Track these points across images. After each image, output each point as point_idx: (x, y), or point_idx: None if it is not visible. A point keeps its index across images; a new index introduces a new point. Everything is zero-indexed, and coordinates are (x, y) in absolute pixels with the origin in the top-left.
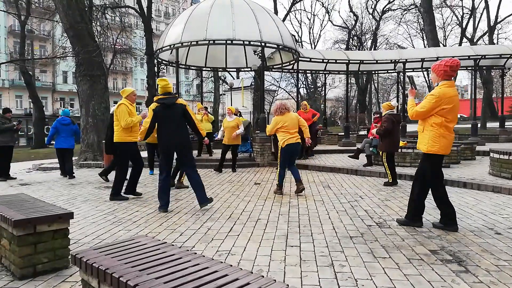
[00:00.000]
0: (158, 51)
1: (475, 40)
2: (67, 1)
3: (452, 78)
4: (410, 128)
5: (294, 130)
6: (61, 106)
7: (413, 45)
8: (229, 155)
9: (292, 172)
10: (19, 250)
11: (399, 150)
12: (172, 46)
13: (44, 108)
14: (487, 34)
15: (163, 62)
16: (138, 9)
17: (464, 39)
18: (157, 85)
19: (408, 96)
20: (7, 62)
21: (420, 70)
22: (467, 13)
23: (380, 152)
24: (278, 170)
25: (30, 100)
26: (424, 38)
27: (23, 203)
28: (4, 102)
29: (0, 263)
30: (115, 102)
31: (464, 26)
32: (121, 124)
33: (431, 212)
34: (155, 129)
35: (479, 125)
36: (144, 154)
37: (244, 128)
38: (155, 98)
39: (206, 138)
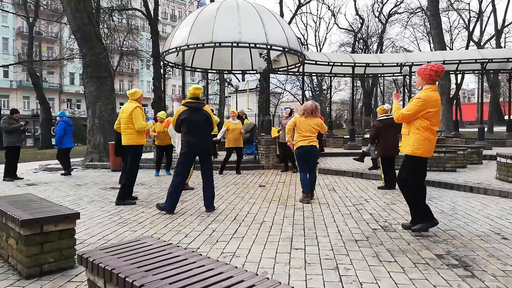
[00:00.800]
0: (164, 53)
1: (482, 44)
2: (75, 3)
3: (436, 82)
4: None
5: (309, 134)
6: (67, 107)
7: (419, 48)
8: (233, 157)
9: (309, 178)
10: (26, 250)
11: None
12: (178, 49)
13: (51, 109)
14: (494, 37)
15: (169, 64)
16: (144, 12)
17: (471, 43)
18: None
19: (393, 99)
20: (16, 63)
21: None
22: (474, 17)
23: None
24: (299, 175)
25: (38, 101)
26: (431, 41)
27: (30, 203)
28: (11, 103)
29: (7, 262)
30: (121, 104)
31: (471, 30)
32: (135, 127)
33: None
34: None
35: (486, 129)
36: (146, 155)
37: (249, 131)
38: (183, 101)
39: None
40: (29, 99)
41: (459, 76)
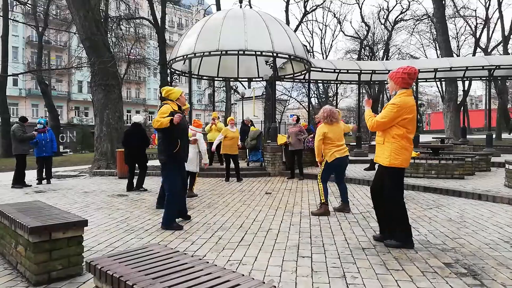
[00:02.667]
0: (171, 61)
1: (489, 50)
2: (84, 13)
3: (410, 87)
4: (422, 138)
5: (342, 142)
6: (75, 115)
7: (426, 55)
8: (232, 165)
9: (340, 189)
10: (35, 257)
11: (413, 161)
12: (185, 57)
13: (59, 117)
14: (502, 44)
15: (176, 72)
16: (152, 20)
17: (478, 49)
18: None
19: (364, 107)
20: (26, 72)
21: (433, 80)
22: (480, 23)
23: None
24: (321, 185)
25: (46, 109)
26: (437, 48)
27: (39, 210)
28: (20, 111)
29: (16, 269)
30: (129, 111)
31: (478, 36)
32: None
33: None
34: None
35: (494, 136)
36: (153, 162)
37: (255, 138)
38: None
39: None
40: (37, 107)
41: (466, 82)
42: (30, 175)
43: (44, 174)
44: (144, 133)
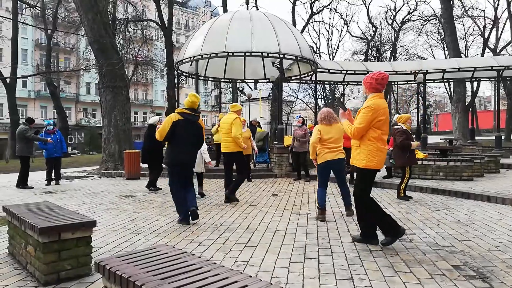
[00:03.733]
0: (178, 63)
1: (498, 51)
2: (92, 15)
3: (380, 91)
4: (430, 139)
5: (338, 144)
6: (84, 116)
7: (433, 55)
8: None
9: (342, 192)
10: (44, 257)
11: (420, 162)
12: (192, 58)
13: (67, 118)
14: (511, 44)
15: (183, 73)
16: (159, 22)
17: (487, 50)
18: (185, 97)
19: (341, 119)
20: (35, 74)
21: (441, 81)
22: (489, 23)
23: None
24: (317, 190)
25: (55, 110)
26: (445, 48)
27: (48, 211)
28: (29, 112)
29: (25, 269)
30: (136, 113)
31: (486, 37)
32: (233, 134)
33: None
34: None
35: (503, 137)
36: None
37: (262, 139)
38: (178, 110)
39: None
40: (46, 108)
41: (475, 83)
42: (39, 176)
43: (53, 174)
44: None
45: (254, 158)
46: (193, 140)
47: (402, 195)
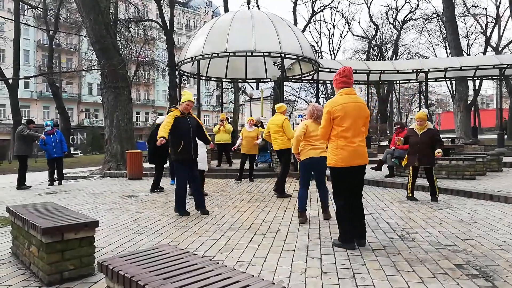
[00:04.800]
0: (180, 63)
1: (500, 49)
2: (94, 16)
3: (348, 85)
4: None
5: (321, 142)
6: (86, 116)
7: (435, 54)
8: (246, 165)
9: (319, 194)
10: (47, 257)
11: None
12: (193, 58)
13: (70, 119)
14: None
15: (185, 73)
16: (160, 23)
17: (489, 48)
18: (181, 95)
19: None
20: (37, 75)
21: (443, 79)
22: (491, 22)
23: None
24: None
25: (57, 111)
26: (447, 47)
27: (51, 211)
28: (32, 113)
29: (29, 269)
30: (138, 113)
31: (488, 35)
32: (288, 136)
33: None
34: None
35: (505, 136)
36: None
37: (263, 139)
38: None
39: (211, 143)
40: (49, 109)
41: (477, 82)
42: (42, 177)
43: (56, 175)
44: None
45: (256, 158)
46: (192, 134)
47: (410, 195)
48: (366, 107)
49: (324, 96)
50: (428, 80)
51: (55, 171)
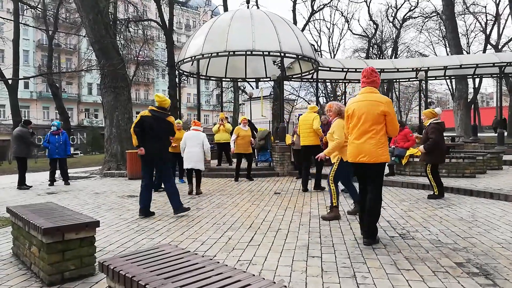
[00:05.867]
0: (179, 63)
1: (500, 47)
2: (93, 16)
3: (368, 84)
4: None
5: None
6: (85, 116)
7: (435, 52)
8: (244, 165)
9: (350, 191)
10: (48, 257)
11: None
12: (193, 58)
13: (70, 119)
14: None
15: (184, 73)
16: (160, 22)
17: (489, 46)
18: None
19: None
20: (36, 75)
21: (443, 78)
22: (491, 20)
23: (426, 164)
24: (333, 186)
25: (57, 111)
26: (447, 45)
27: (52, 211)
28: (32, 113)
29: (29, 269)
30: (137, 113)
31: (488, 33)
32: (314, 127)
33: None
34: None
35: (505, 134)
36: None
37: (264, 137)
38: (149, 108)
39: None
40: (48, 109)
41: (477, 80)
42: (42, 177)
43: (61, 176)
44: None
45: (256, 157)
46: (162, 135)
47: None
48: (379, 104)
49: (324, 95)
50: (428, 78)
51: (56, 171)
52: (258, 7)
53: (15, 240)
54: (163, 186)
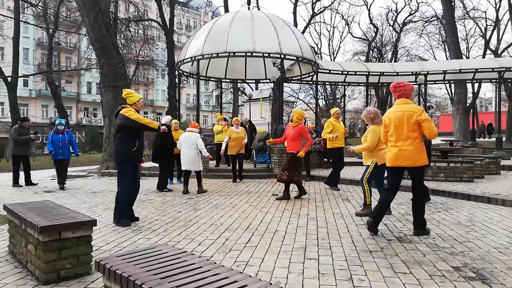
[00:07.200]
0: (179, 63)
1: (499, 52)
2: (94, 15)
3: (399, 97)
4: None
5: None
6: (85, 115)
7: (434, 57)
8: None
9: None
10: (44, 256)
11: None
12: (193, 58)
13: (68, 118)
14: None
15: (184, 73)
16: (160, 22)
17: (488, 51)
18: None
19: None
20: (36, 73)
21: (442, 82)
22: (490, 25)
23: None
24: (367, 186)
25: (56, 109)
26: (446, 50)
27: (49, 210)
28: (30, 111)
29: (25, 267)
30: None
31: (487, 38)
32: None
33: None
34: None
35: (504, 139)
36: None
37: (262, 139)
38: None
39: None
40: (47, 107)
41: (476, 85)
42: (40, 175)
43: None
44: (168, 132)
45: (255, 159)
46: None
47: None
48: (413, 114)
49: (323, 98)
50: (427, 82)
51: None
52: (258, 9)
53: (12, 238)
54: (168, 186)
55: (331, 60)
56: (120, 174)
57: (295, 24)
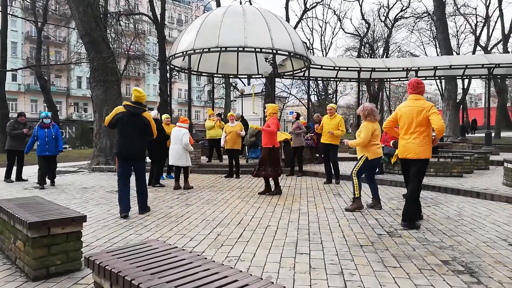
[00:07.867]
0: (170, 58)
1: (489, 49)
2: (83, 8)
3: (411, 93)
4: None
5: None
6: (75, 110)
7: (425, 53)
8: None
9: (372, 188)
10: (33, 252)
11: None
12: (184, 53)
13: (58, 113)
14: (502, 42)
15: (176, 68)
16: (151, 16)
17: (478, 48)
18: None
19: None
20: (25, 67)
21: (433, 78)
22: (481, 22)
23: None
24: (356, 180)
25: (45, 104)
26: (437, 46)
27: (38, 205)
28: (19, 106)
29: (14, 264)
30: None
31: (478, 35)
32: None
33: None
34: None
35: (493, 134)
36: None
37: (254, 134)
38: (124, 103)
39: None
40: (36, 102)
41: (466, 81)
42: (31, 171)
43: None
44: (159, 127)
45: (247, 154)
46: (136, 132)
47: None
48: (422, 109)
49: (315, 93)
50: (418, 78)
51: (48, 172)
52: (251, 3)
53: (0, 234)
54: (161, 182)
55: (323, 55)
56: (144, 169)
57: (287, 19)
